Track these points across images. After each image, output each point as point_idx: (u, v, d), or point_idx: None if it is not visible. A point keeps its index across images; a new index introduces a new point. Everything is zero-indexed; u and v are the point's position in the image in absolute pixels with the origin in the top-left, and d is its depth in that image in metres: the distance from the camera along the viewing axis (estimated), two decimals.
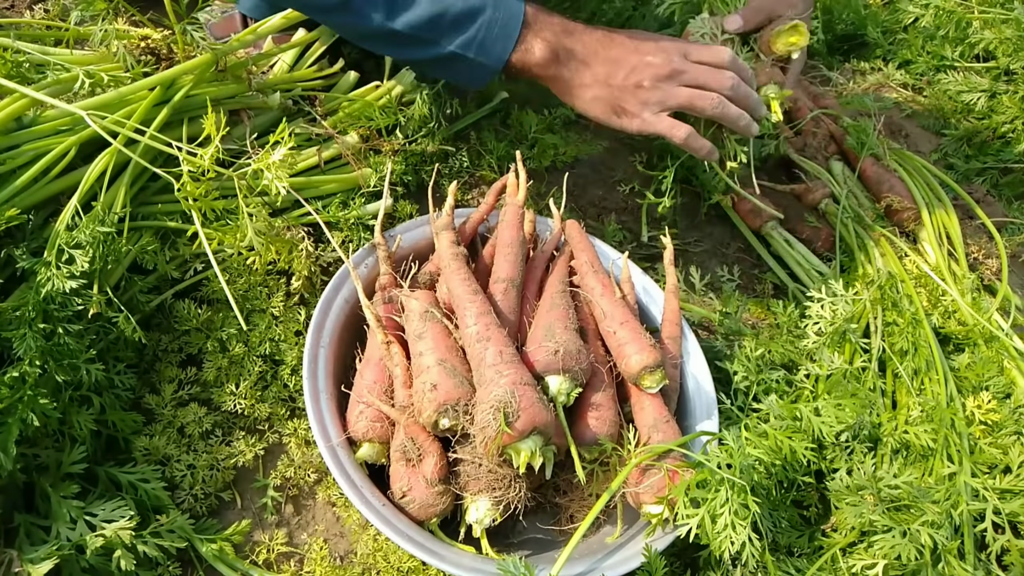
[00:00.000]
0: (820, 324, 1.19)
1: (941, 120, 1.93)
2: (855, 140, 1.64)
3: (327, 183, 1.21)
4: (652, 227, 1.49)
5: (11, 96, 1.00)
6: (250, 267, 1.08)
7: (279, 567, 0.97)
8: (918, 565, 0.89)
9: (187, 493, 0.98)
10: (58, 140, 1.02)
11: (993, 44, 1.90)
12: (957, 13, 1.99)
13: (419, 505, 0.90)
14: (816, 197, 1.57)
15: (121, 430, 0.98)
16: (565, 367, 0.92)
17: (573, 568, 0.89)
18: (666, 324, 1.12)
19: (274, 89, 1.26)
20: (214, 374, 1.05)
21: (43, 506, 0.90)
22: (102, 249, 0.95)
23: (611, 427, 0.95)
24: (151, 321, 1.07)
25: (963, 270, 1.38)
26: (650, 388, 0.99)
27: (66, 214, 0.96)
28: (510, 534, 1.00)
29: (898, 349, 1.18)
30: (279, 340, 1.09)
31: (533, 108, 1.59)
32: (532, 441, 0.84)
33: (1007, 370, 1.17)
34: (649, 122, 1.15)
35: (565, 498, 0.99)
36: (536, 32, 1.10)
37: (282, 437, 1.06)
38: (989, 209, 1.70)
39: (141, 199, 1.08)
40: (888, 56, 2.12)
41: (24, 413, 0.84)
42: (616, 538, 0.94)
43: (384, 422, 0.94)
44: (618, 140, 1.67)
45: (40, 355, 0.88)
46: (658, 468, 0.92)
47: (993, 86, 1.87)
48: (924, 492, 0.93)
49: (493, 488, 0.87)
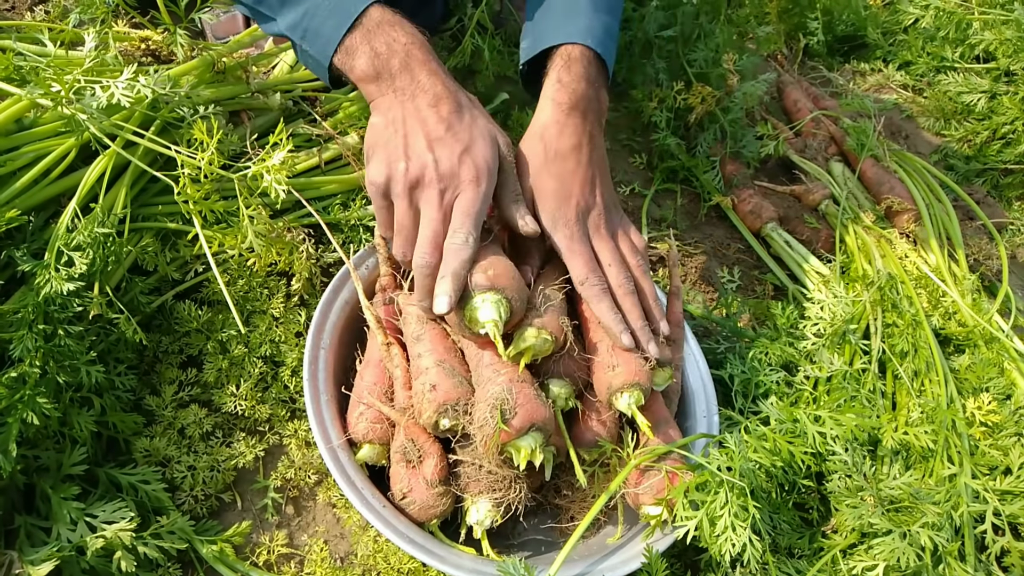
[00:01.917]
0: (819, 325, 1.19)
1: (941, 121, 1.93)
2: (855, 141, 1.64)
3: (328, 184, 1.21)
4: (652, 228, 1.49)
5: (11, 98, 1.00)
6: (250, 268, 1.08)
7: (279, 568, 0.97)
8: (918, 567, 0.89)
9: (187, 494, 0.98)
10: (58, 142, 1.02)
11: (993, 45, 1.90)
12: (957, 14, 1.99)
13: (419, 506, 0.90)
14: (816, 198, 1.57)
15: (121, 431, 0.98)
16: (566, 371, 0.92)
17: (573, 569, 0.89)
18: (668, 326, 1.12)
19: (274, 90, 1.26)
20: (214, 375, 1.05)
21: (43, 507, 0.90)
22: (102, 251, 0.95)
23: (611, 428, 0.95)
24: (151, 322, 1.07)
25: (963, 271, 1.38)
26: (656, 386, 0.99)
27: (66, 216, 0.96)
28: (510, 535, 1.00)
29: (898, 350, 1.18)
30: (279, 341, 1.09)
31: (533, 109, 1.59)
32: (531, 438, 0.84)
33: (1007, 371, 1.17)
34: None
35: (565, 499, 0.99)
36: (369, 39, 0.92)
37: (282, 438, 1.06)
38: (989, 210, 1.70)
39: (141, 200, 1.08)
40: (888, 57, 2.12)
41: (24, 413, 0.84)
42: (617, 539, 0.94)
43: (384, 423, 0.94)
44: (618, 141, 1.67)
45: (40, 356, 0.88)
46: (657, 469, 0.92)
47: (993, 87, 1.87)
48: (924, 494, 0.93)
49: (493, 489, 0.87)
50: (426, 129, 0.90)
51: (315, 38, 0.95)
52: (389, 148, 0.91)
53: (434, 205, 0.88)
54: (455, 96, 0.93)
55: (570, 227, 0.97)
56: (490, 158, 0.91)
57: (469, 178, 0.89)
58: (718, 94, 1.58)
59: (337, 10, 0.93)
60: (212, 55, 1.16)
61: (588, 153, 1.00)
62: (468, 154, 0.90)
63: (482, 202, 0.89)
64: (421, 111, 0.91)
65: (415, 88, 0.92)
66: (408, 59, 0.92)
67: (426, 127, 0.90)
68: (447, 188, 0.89)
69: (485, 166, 0.90)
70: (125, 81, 0.98)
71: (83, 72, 0.99)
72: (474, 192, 0.89)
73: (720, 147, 1.62)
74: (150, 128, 1.04)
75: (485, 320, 0.86)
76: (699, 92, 1.56)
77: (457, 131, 0.90)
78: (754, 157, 1.63)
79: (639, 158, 1.64)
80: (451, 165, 0.89)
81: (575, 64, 1.02)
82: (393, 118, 0.92)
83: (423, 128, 0.90)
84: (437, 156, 0.88)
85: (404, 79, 0.92)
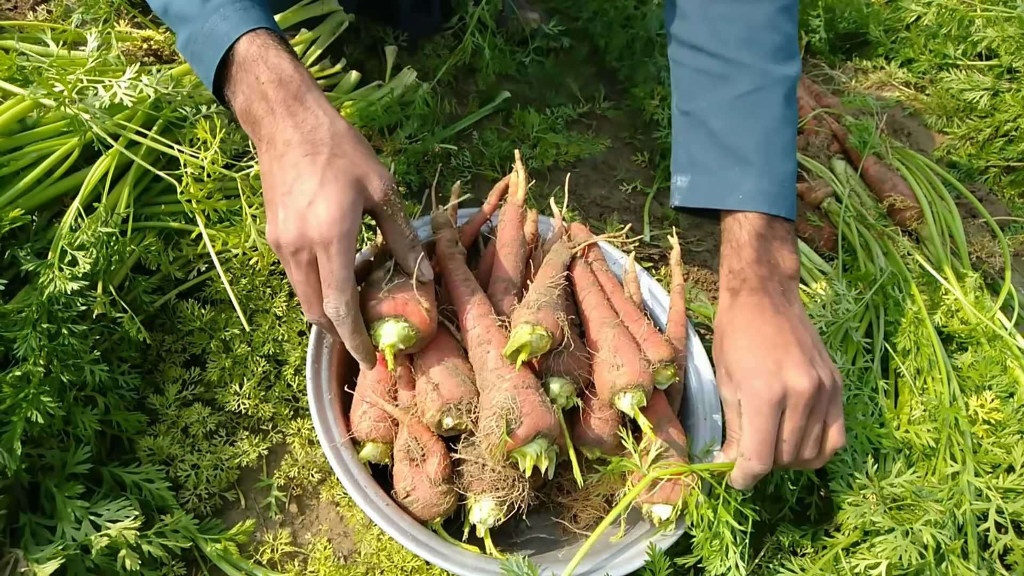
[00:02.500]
0: (821, 323, 1.19)
1: (943, 119, 1.93)
2: (857, 139, 1.64)
3: None
4: (654, 226, 1.49)
5: (15, 98, 1.00)
6: (253, 267, 1.08)
7: (283, 567, 0.97)
8: (921, 565, 0.89)
9: (191, 493, 0.98)
10: (61, 141, 1.02)
11: (996, 42, 1.90)
12: (960, 11, 1.99)
13: (423, 505, 0.90)
14: (819, 196, 1.57)
15: (125, 430, 0.99)
16: (566, 369, 0.92)
17: (577, 568, 0.89)
18: (671, 324, 1.12)
19: None
20: (218, 374, 1.06)
21: (48, 506, 0.90)
22: (105, 250, 0.95)
23: (613, 427, 0.95)
24: (155, 321, 1.08)
25: (966, 269, 1.38)
26: (659, 385, 0.99)
27: (69, 215, 0.96)
28: (513, 533, 1.00)
29: (900, 348, 1.18)
30: (282, 340, 1.09)
31: (535, 107, 1.59)
32: (537, 444, 0.84)
33: (1010, 369, 1.17)
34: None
35: (568, 497, 0.99)
36: (242, 77, 0.83)
37: (286, 437, 1.06)
38: (992, 208, 1.70)
39: (144, 200, 1.09)
40: (890, 54, 2.11)
41: (28, 412, 0.85)
42: (620, 538, 0.95)
43: (387, 422, 0.94)
44: (620, 139, 1.67)
45: (44, 355, 0.88)
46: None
47: (996, 84, 1.87)
48: (926, 492, 0.93)
49: (497, 488, 0.87)
50: (278, 182, 0.81)
51: (198, 65, 0.87)
52: (266, 208, 0.83)
53: (294, 272, 0.81)
54: (311, 135, 0.81)
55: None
56: (336, 210, 0.78)
57: (317, 241, 0.78)
58: None
59: (213, 39, 0.84)
60: None
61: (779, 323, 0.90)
62: (312, 210, 0.78)
63: (337, 262, 0.78)
64: (274, 163, 0.81)
65: (272, 134, 0.82)
66: (268, 102, 0.82)
67: (278, 180, 0.81)
68: (300, 253, 0.79)
69: (330, 221, 0.78)
70: (128, 81, 0.98)
71: (86, 72, 0.99)
72: (324, 256, 0.79)
73: None
74: (153, 128, 1.05)
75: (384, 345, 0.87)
76: None
77: (305, 181, 0.79)
78: None
79: (641, 156, 1.64)
80: (295, 233, 0.79)
81: (744, 249, 0.93)
82: (264, 169, 0.83)
83: (276, 181, 0.81)
84: (285, 217, 0.79)
85: (267, 124, 0.82)
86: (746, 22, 0.97)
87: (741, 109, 0.97)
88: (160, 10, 0.90)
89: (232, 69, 0.84)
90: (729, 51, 0.97)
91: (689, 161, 1.02)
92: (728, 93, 0.97)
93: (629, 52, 1.73)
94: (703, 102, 1.00)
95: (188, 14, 0.85)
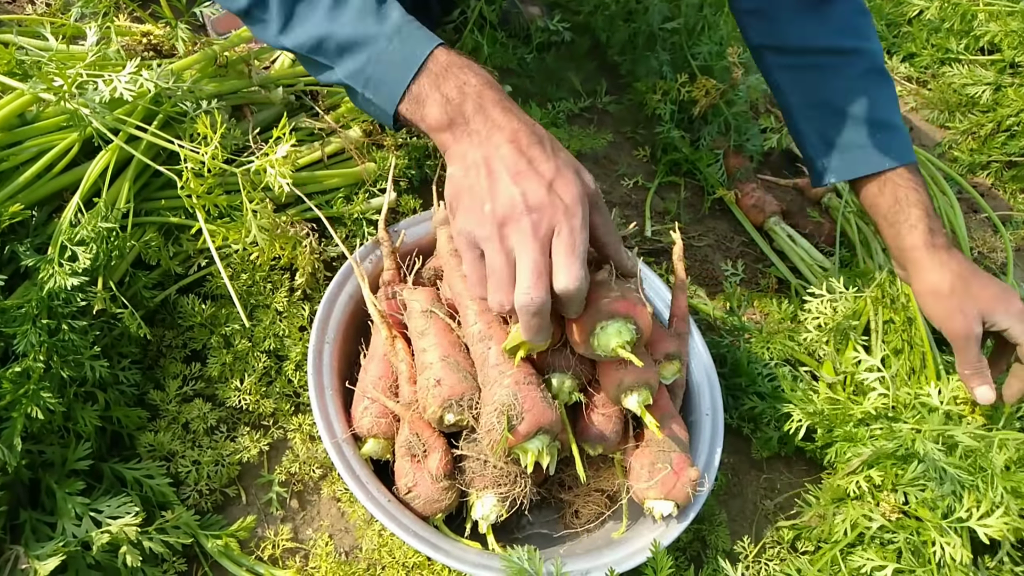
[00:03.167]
0: (820, 320, 1.18)
1: (945, 113, 1.93)
2: None
3: (330, 178, 1.21)
4: (656, 221, 1.49)
5: (14, 92, 0.99)
6: (254, 263, 1.08)
7: (284, 563, 0.97)
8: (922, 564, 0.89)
9: (192, 489, 0.98)
10: (61, 136, 1.01)
11: (998, 37, 1.89)
12: (962, 5, 1.98)
13: (424, 501, 0.90)
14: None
15: (126, 426, 0.98)
16: (568, 365, 0.92)
17: (579, 563, 0.89)
18: (673, 320, 1.11)
19: (277, 84, 1.25)
20: (218, 370, 1.05)
21: (49, 502, 0.90)
22: (105, 245, 0.95)
23: (616, 423, 0.95)
24: (155, 317, 1.07)
25: None
26: (664, 380, 0.99)
27: (69, 210, 0.96)
28: (515, 529, 1.00)
29: (892, 347, 1.18)
30: (283, 336, 1.09)
31: (536, 102, 1.58)
32: (539, 440, 0.84)
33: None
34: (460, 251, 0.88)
35: (570, 493, 0.99)
36: (439, 84, 0.86)
37: (287, 433, 1.06)
38: (993, 203, 1.70)
39: (144, 195, 1.08)
40: (893, 49, 2.11)
41: (28, 408, 0.84)
42: (622, 533, 0.94)
43: (389, 418, 0.94)
44: (622, 134, 1.67)
45: (44, 351, 0.88)
46: (664, 465, 0.92)
47: (998, 79, 1.86)
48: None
49: (499, 484, 0.87)
50: (507, 165, 0.82)
51: (379, 86, 0.88)
52: (472, 194, 0.83)
53: (528, 237, 0.79)
54: (532, 128, 0.85)
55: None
56: (579, 188, 0.82)
57: (561, 211, 0.80)
58: (722, 87, 1.57)
59: (402, 55, 0.87)
60: (214, 50, 1.16)
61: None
62: (555, 186, 0.81)
63: (581, 236, 0.80)
64: (500, 148, 0.83)
65: (490, 128, 0.84)
66: (481, 100, 0.85)
67: (506, 163, 0.82)
68: (540, 220, 0.80)
69: (575, 197, 0.81)
70: (128, 75, 0.97)
71: (85, 66, 0.99)
72: (568, 227, 0.80)
73: (724, 140, 1.61)
74: (153, 123, 1.04)
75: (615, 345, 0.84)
76: (703, 85, 1.56)
77: (539, 163, 0.82)
78: (758, 151, 1.62)
79: (643, 151, 1.63)
80: (539, 197, 0.80)
81: (917, 208, 1.14)
82: (472, 162, 0.84)
83: (503, 165, 0.82)
84: (523, 189, 0.80)
85: (478, 121, 0.85)
86: (836, 16, 1.18)
87: (864, 86, 1.18)
88: (309, 48, 0.90)
89: (424, 79, 0.86)
90: (832, 42, 1.19)
91: (827, 143, 1.20)
92: (848, 76, 1.19)
93: (631, 46, 1.72)
94: (826, 92, 1.20)
95: (363, 38, 0.87)
